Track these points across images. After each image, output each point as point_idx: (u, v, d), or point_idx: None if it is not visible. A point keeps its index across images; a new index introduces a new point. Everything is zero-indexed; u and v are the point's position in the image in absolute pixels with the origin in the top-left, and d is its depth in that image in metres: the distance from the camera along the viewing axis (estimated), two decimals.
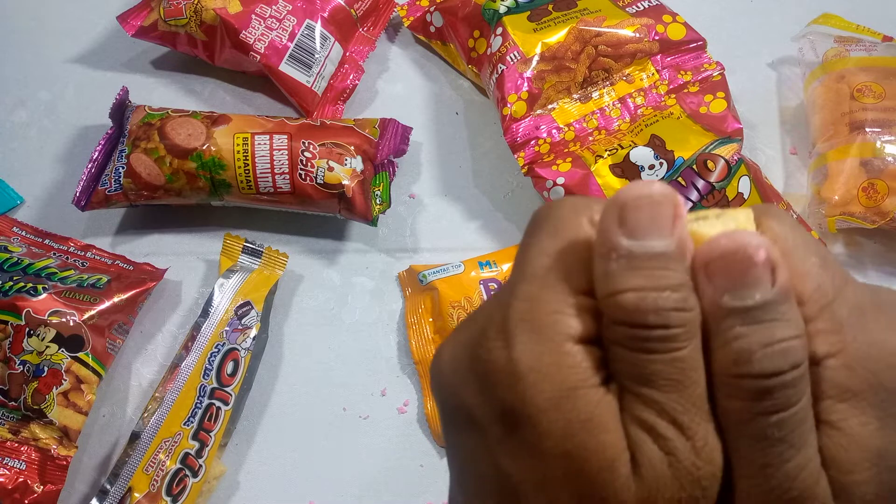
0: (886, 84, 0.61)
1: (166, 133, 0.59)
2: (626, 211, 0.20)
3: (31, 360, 0.52)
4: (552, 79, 0.61)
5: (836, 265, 0.21)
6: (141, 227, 0.63)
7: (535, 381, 0.20)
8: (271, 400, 0.57)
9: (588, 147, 0.60)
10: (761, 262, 0.19)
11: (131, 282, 0.57)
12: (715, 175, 0.55)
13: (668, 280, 0.20)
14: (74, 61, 0.71)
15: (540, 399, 0.20)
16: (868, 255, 0.62)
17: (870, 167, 0.59)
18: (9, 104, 0.69)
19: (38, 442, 0.52)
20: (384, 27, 0.71)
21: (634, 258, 0.20)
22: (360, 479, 0.55)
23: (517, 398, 0.20)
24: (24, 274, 0.55)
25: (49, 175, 0.65)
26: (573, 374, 0.20)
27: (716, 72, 0.62)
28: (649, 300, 0.19)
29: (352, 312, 0.60)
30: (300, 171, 0.58)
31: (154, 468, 0.52)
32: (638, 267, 0.20)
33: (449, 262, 0.59)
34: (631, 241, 0.20)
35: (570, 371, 0.20)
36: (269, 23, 0.65)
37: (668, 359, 0.20)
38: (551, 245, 0.21)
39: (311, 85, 0.65)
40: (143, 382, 0.58)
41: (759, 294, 0.19)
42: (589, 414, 0.20)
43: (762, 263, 0.20)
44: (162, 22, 0.65)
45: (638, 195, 0.20)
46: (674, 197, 0.20)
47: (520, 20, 0.62)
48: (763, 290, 0.19)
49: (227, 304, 0.57)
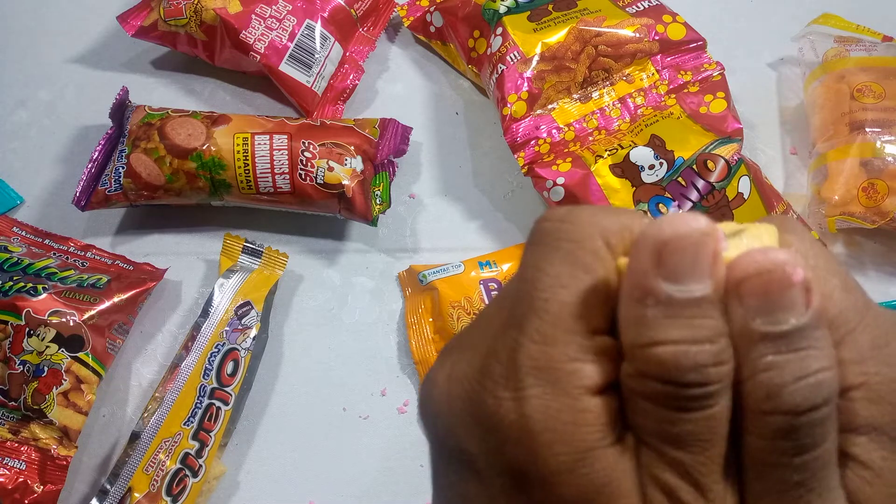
0: (886, 84, 0.61)
1: (166, 133, 0.59)
2: (668, 252, 0.18)
3: (31, 360, 0.52)
4: (552, 79, 0.61)
5: (857, 287, 0.20)
6: (141, 227, 0.63)
7: (549, 441, 0.18)
8: (271, 400, 0.57)
9: (588, 147, 0.60)
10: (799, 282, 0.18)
11: (131, 282, 0.57)
12: (715, 175, 0.55)
13: (707, 330, 0.18)
14: (74, 61, 0.71)
15: (555, 462, 0.18)
16: (868, 255, 0.62)
17: (870, 167, 0.59)
18: (9, 104, 0.69)
19: (38, 442, 0.52)
20: (384, 27, 0.71)
21: (674, 305, 0.18)
22: (360, 479, 0.55)
23: (529, 459, 0.18)
24: (24, 274, 0.55)
25: (49, 175, 0.65)
26: (590, 434, 0.18)
27: (716, 72, 0.62)
28: (690, 355, 0.18)
29: (352, 312, 0.60)
30: (300, 171, 0.58)
31: (154, 468, 0.52)
32: (677, 315, 0.18)
33: (449, 262, 0.59)
34: (670, 285, 0.18)
35: (587, 430, 0.18)
36: (269, 23, 0.65)
37: (699, 417, 0.18)
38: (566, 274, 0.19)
39: (311, 85, 0.65)
40: (143, 382, 0.58)
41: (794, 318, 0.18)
42: (607, 479, 0.18)
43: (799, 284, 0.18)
44: (162, 22, 0.65)
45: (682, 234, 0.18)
46: (717, 233, 0.18)
47: (520, 20, 0.62)
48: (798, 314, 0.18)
49: (227, 304, 0.57)
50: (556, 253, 0.20)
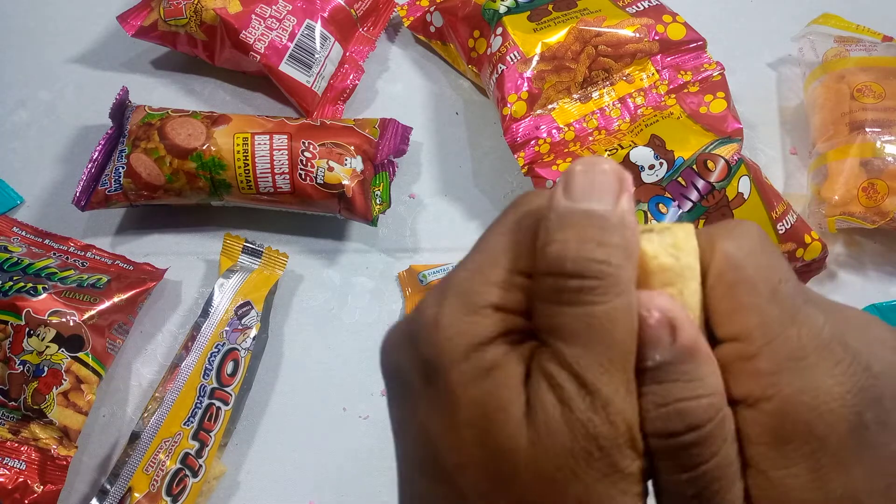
0: (886, 84, 0.61)
1: (166, 133, 0.59)
2: (570, 176, 0.21)
3: (31, 360, 0.52)
4: (552, 79, 0.61)
5: (789, 297, 0.21)
6: (141, 228, 0.63)
7: (451, 335, 0.21)
8: (271, 400, 0.57)
9: (588, 147, 0.60)
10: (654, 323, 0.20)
11: (131, 282, 0.57)
12: (715, 175, 0.55)
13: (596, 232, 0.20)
14: (74, 61, 0.71)
15: (453, 351, 0.21)
16: (868, 255, 0.62)
17: (870, 167, 0.59)
18: (9, 104, 0.69)
19: (38, 442, 0.52)
20: (384, 27, 0.71)
21: (569, 215, 0.20)
22: (360, 479, 0.55)
23: (435, 351, 0.21)
24: (24, 274, 0.55)
25: (49, 175, 0.65)
26: (485, 330, 0.21)
27: (716, 72, 0.62)
28: (570, 247, 0.20)
29: (352, 312, 0.60)
30: (300, 171, 0.58)
31: (154, 468, 0.52)
32: (570, 224, 0.20)
33: (449, 262, 0.59)
34: (570, 202, 0.21)
35: (483, 327, 0.21)
36: (269, 23, 0.65)
37: (578, 312, 0.20)
38: (510, 225, 0.22)
39: (311, 85, 0.65)
40: (143, 382, 0.58)
41: (658, 354, 0.20)
42: (494, 363, 0.20)
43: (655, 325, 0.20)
44: (162, 22, 0.65)
45: (583, 162, 0.21)
46: (619, 171, 0.21)
47: (520, 20, 0.62)
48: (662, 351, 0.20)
49: (227, 304, 0.57)
50: (509, 211, 0.23)
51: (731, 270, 0.21)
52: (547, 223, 0.21)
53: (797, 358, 0.20)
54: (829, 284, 0.62)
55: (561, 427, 0.19)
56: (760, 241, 0.21)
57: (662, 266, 0.21)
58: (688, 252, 0.22)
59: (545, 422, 0.20)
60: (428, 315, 0.21)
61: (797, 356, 0.20)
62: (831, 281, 0.62)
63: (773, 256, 0.21)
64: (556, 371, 0.20)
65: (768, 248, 0.21)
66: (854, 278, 0.62)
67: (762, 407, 0.20)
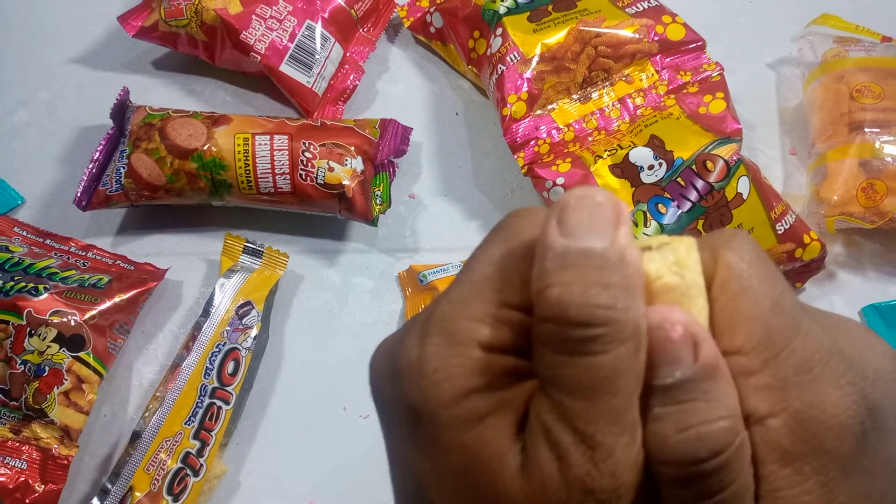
0: (885, 84, 0.61)
1: (167, 133, 0.59)
2: (565, 211, 0.20)
3: (32, 360, 0.53)
4: (552, 79, 0.61)
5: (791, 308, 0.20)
6: (142, 228, 0.63)
7: (438, 380, 0.20)
8: (272, 400, 0.57)
9: (588, 147, 0.60)
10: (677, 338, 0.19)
11: (132, 282, 0.57)
12: (714, 175, 0.55)
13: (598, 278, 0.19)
14: (75, 61, 0.71)
15: (441, 397, 0.20)
16: (867, 256, 0.63)
17: (869, 167, 0.59)
18: (9, 104, 0.69)
19: (39, 441, 0.52)
20: (384, 28, 0.71)
21: (567, 256, 0.19)
22: (360, 479, 0.55)
23: (421, 396, 0.20)
24: (26, 274, 0.55)
25: (50, 175, 0.65)
26: (475, 375, 0.20)
27: (715, 72, 0.62)
28: (574, 292, 0.18)
29: (352, 312, 0.60)
30: (300, 172, 0.58)
31: (155, 467, 0.52)
32: (570, 265, 0.19)
33: (449, 262, 0.59)
34: (566, 240, 0.19)
35: (473, 371, 0.20)
36: (270, 23, 0.65)
37: (582, 364, 0.18)
38: (497, 254, 0.21)
39: (312, 85, 0.66)
40: (144, 382, 0.58)
41: (679, 371, 0.19)
42: (486, 411, 0.20)
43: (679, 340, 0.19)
44: (162, 22, 0.65)
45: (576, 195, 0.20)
46: (616, 202, 0.20)
47: (520, 21, 0.63)
48: (683, 368, 0.19)
49: (228, 303, 0.57)
50: (498, 236, 0.22)
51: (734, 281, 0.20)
52: (543, 262, 0.19)
53: (804, 371, 0.19)
54: (828, 284, 0.62)
55: (558, 483, 0.19)
56: (758, 252, 0.21)
57: (667, 286, 0.20)
58: (691, 268, 0.21)
59: (541, 476, 0.19)
60: (411, 355, 0.20)
61: (804, 369, 0.19)
62: (830, 281, 0.62)
63: (771, 267, 0.21)
64: (554, 426, 0.19)
65: (766, 259, 0.21)
66: (853, 278, 0.62)
67: (769, 424, 0.19)
